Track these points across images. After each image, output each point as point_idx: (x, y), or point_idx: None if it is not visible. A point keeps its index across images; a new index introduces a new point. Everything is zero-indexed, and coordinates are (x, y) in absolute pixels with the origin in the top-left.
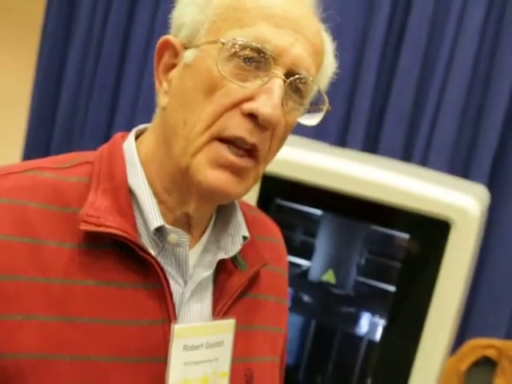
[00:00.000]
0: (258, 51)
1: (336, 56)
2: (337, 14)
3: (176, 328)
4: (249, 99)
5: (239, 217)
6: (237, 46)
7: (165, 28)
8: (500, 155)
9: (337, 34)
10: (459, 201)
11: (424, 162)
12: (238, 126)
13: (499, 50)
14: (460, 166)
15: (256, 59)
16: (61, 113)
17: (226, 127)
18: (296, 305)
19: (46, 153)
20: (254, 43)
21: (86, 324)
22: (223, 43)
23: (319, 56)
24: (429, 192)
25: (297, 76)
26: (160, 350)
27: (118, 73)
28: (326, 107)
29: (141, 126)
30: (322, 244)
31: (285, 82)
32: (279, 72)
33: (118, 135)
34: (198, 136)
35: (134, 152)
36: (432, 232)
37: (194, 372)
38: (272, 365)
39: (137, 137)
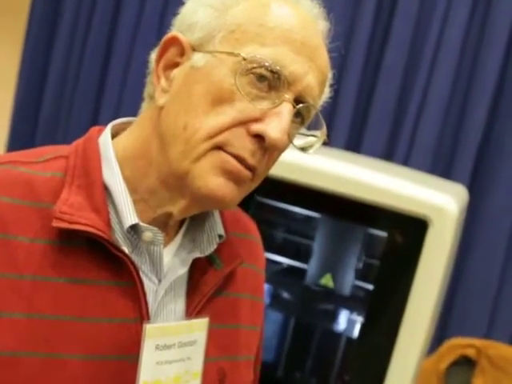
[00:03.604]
0: (275, 73)
1: (331, 85)
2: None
3: (148, 327)
4: (257, 120)
5: (215, 215)
6: (255, 64)
7: (150, 26)
8: (481, 155)
9: None
10: (437, 199)
11: (406, 161)
12: (243, 146)
13: (483, 50)
14: (442, 166)
15: (269, 79)
16: (45, 109)
17: (231, 143)
18: (275, 302)
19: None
20: (273, 65)
21: (57, 321)
22: (244, 58)
23: (324, 85)
24: (407, 190)
25: (305, 104)
26: (132, 348)
27: (102, 68)
28: (323, 136)
29: (118, 121)
30: (296, 240)
31: (294, 107)
32: (290, 97)
33: (94, 129)
34: (199, 142)
35: (109, 147)
36: (410, 230)
37: (166, 371)
38: (246, 363)
39: (114, 131)
